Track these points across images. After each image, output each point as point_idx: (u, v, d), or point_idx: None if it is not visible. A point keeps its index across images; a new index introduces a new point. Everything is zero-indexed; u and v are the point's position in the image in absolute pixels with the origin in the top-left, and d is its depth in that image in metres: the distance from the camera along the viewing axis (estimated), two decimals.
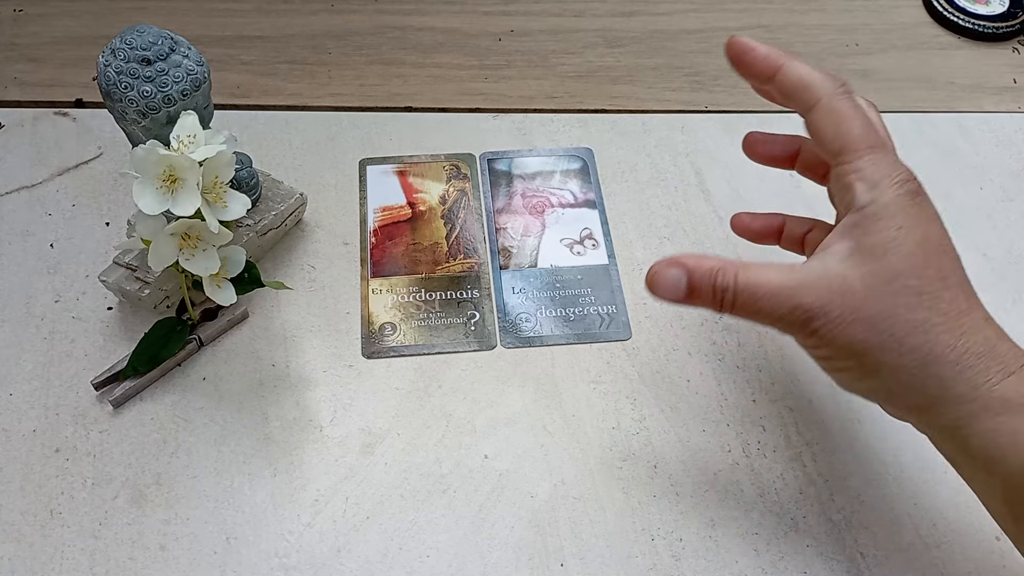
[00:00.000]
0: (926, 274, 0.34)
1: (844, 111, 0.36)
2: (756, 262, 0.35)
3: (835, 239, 0.36)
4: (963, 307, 0.34)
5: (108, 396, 0.42)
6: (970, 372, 0.33)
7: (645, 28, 0.64)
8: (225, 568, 0.38)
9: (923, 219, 0.35)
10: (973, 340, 0.33)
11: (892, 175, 0.35)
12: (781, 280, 0.34)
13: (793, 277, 0.34)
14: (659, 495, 0.41)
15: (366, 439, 0.42)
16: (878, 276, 0.34)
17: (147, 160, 0.37)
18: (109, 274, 0.45)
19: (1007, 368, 0.33)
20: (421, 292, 0.48)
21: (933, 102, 0.60)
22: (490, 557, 0.39)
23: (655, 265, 0.36)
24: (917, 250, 0.34)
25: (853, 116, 0.36)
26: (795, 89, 0.37)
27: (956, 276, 0.34)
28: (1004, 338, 0.34)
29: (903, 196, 0.35)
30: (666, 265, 0.36)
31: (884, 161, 0.35)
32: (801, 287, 0.34)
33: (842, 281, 0.34)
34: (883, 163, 0.35)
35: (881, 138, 0.36)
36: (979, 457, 0.33)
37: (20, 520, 0.39)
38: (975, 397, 0.33)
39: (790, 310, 0.34)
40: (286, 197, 0.48)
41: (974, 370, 0.33)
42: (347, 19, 0.63)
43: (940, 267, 0.34)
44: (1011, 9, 0.65)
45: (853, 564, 0.39)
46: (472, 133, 0.56)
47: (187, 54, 0.40)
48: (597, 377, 0.45)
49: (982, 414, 0.33)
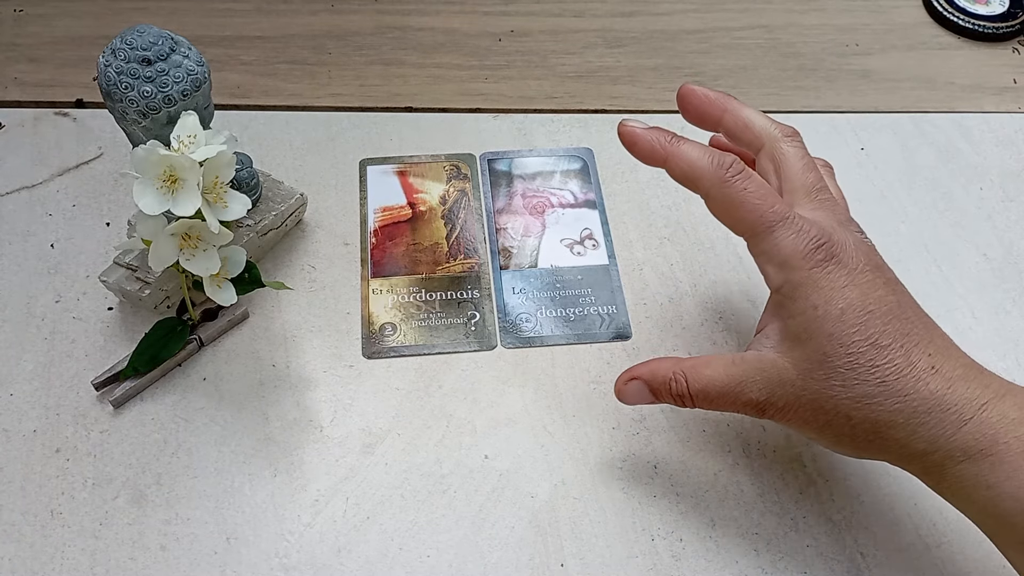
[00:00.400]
0: (853, 347, 0.33)
1: (734, 197, 0.35)
2: (702, 361, 0.37)
3: (767, 320, 0.37)
4: (902, 367, 0.33)
5: (108, 396, 0.42)
6: (923, 429, 0.33)
7: (645, 28, 0.64)
8: (225, 568, 0.38)
9: (838, 288, 0.34)
10: (919, 399, 0.33)
11: (798, 250, 0.34)
12: (728, 378, 0.36)
13: (736, 373, 0.36)
14: (659, 495, 0.41)
15: (366, 439, 0.42)
16: (809, 360, 0.34)
17: (147, 160, 0.37)
18: (109, 274, 0.45)
19: (961, 416, 0.33)
20: (421, 292, 0.48)
21: (933, 102, 0.60)
22: (490, 557, 0.39)
23: (617, 382, 0.39)
24: (839, 325, 0.33)
25: (742, 201, 0.35)
26: (685, 181, 0.37)
27: (890, 331, 0.34)
28: (955, 382, 0.33)
29: (814, 270, 0.34)
30: (624, 381, 0.39)
31: (787, 237, 0.34)
32: (745, 383, 0.35)
33: (779, 371, 0.35)
34: (787, 240, 0.34)
35: (779, 212, 0.35)
36: (950, 496, 0.34)
37: (20, 520, 0.39)
38: (935, 449, 0.33)
39: (742, 405, 0.36)
40: (286, 197, 0.48)
41: (926, 427, 0.33)
42: (347, 19, 0.63)
43: (867, 333, 0.33)
44: (1011, 9, 0.65)
45: (853, 564, 0.39)
46: (472, 133, 0.56)
47: (187, 54, 0.40)
48: (597, 377, 0.45)
49: (946, 463, 0.33)
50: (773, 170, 0.38)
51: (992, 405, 0.33)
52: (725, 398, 0.36)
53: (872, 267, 0.35)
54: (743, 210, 0.35)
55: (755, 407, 0.36)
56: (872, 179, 0.55)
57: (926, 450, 0.33)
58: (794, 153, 0.38)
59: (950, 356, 0.34)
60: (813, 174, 0.38)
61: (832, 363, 0.34)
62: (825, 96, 0.60)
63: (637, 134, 0.37)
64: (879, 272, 0.35)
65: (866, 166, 0.56)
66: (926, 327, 0.35)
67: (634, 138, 0.38)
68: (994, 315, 0.49)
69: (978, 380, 0.34)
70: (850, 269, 0.34)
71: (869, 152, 0.56)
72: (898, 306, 0.34)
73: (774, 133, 0.38)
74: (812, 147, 0.56)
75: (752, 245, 0.36)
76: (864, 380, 0.33)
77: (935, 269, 0.50)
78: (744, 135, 0.39)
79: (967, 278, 0.50)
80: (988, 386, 0.33)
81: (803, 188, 0.37)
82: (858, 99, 0.60)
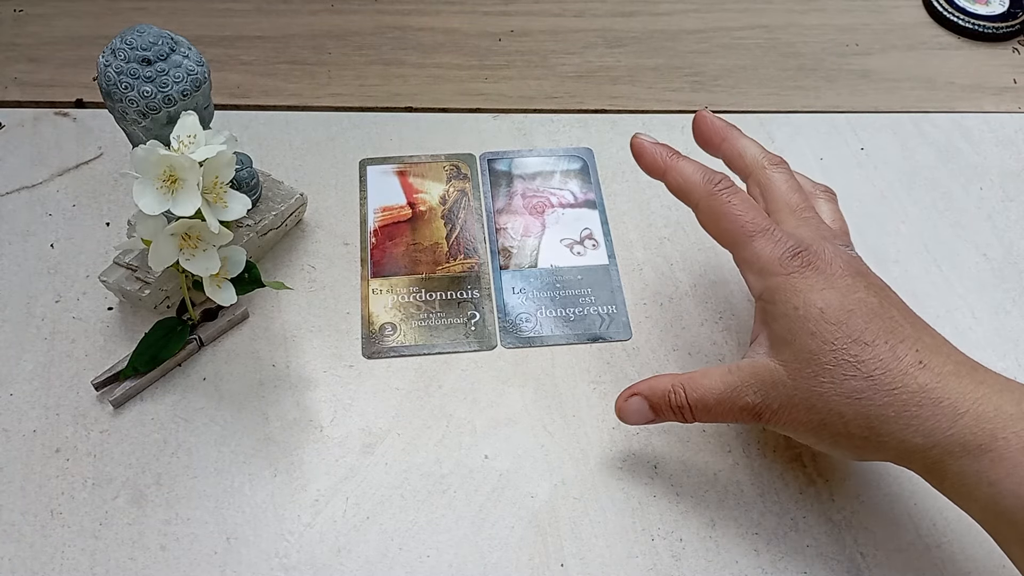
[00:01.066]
0: (837, 343, 0.34)
1: (719, 208, 0.38)
2: (700, 373, 0.38)
3: (757, 329, 0.38)
4: (887, 361, 0.34)
5: (108, 396, 0.42)
6: (916, 422, 0.33)
7: (645, 28, 0.64)
8: (225, 568, 0.38)
9: (816, 290, 0.35)
10: (907, 392, 0.33)
11: (775, 257, 0.36)
12: (724, 386, 0.37)
13: (732, 381, 0.37)
14: (659, 495, 0.41)
15: (366, 439, 0.42)
16: (797, 359, 0.35)
17: (147, 160, 0.37)
18: (109, 274, 0.45)
19: (956, 410, 0.33)
20: (421, 292, 0.48)
21: (933, 102, 0.60)
22: (490, 557, 0.39)
23: (617, 400, 0.40)
24: (819, 324, 0.35)
25: (725, 212, 0.38)
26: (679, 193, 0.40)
27: (872, 329, 0.34)
28: (946, 377, 0.33)
29: (792, 275, 0.36)
30: (625, 398, 0.40)
31: (766, 246, 0.37)
32: (740, 388, 0.37)
33: (771, 373, 0.36)
34: (765, 249, 0.37)
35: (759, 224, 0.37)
36: (952, 494, 0.34)
37: (20, 520, 0.39)
38: (933, 444, 0.33)
39: (739, 411, 0.37)
40: (286, 197, 0.48)
41: (920, 419, 0.33)
42: (347, 19, 0.63)
43: (849, 330, 0.34)
44: (1011, 9, 0.65)
45: (853, 564, 0.39)
46: (472, 133, 0.56)
47: (187, 54, 0.40)
48: (597, 377, 0.45)
49: (946, 458, 0.33)
50: (760, 194, 0.40)
51: (987, 400, 0.33)
52: (722, 406, 0.37)
53: (852, 273, 0.36)
54: (726, 221, 0.38)
55: (751, 411, 0.37)
56: (872, 179, 0.55)
57: (924, 444, 0.33)
58: (779, 178, 0.40)
59: (940, 352, 0.34)
60: (797, 195, 0.40)
61: (819, 360, 0.34)
62: (825, 96, 0.60)
63: (644, 147, 0.41)
64: (861, 278, 0.36)
65: (866, 166, 0.56)
66: (913, 326, 0.35)
67: (641, 150, 0.41)
68: (994, 315, 0.49)
69: (971, 376, 0.34)
70: (828, 275, 0.36)
71: (869, 152, 0.56)
72: (880, 306, 0.35)
73: (761, 161, 0.41)
74: (812, 147, 0.56)
75: (735, 255, 0.38)
76: (851, 375, 0.34)
77: (935, 269, 0.50)
78: (737, 163, 0.42)
79: (967, 278, 0.50)
80: (983, 382, 0.34)
81: (787, 208, 0.39)
82: (858, 99, 0.60)
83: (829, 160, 0.56)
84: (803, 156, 0.56)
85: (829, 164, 0.55)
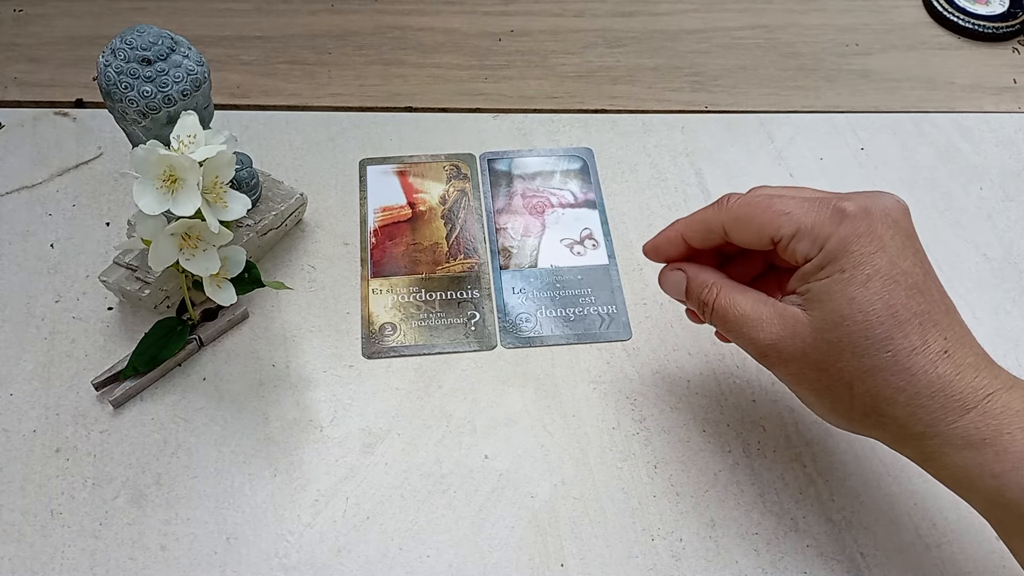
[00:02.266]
0: (872, 315, 0.33)
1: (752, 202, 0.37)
2: (741, 287, 0.38)
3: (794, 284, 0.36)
4: (916, 344, 0.33)
5: (108, 396, 0.42)
6: (922, 412, 0.33)
7: (645, 28, 0.64)
8: (225, 568, 0.38)
9: (867, 253, 0.34)
10: (925, 380, 0.33)
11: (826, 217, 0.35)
12: (752, 311, 0.36)
13: (760, 310, 0.36)
14: (659, 495, 0.41)
15: (366, 439, 0.42)
16: (826, 320, 0.34)
17: (147, 160, 0.37)
18: (109, 274, 0.45)
19: (964, 405, 0.33)
20: (421, 292, 0.48)
21: (933, 102, 0.60)
22: (490, 557, 0.39)
23: (664, 268, 0.41)
24: (862, 291, 0.34)
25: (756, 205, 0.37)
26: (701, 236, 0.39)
27: (911, 308, 0.34)
28: (965, 370, 0.33)
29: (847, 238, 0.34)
30: (671, 268, 0.40)
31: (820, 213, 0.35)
32: (763, 320, 0.36)
33: (795, 322, 0.35)
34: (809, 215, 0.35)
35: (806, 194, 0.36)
36: (952, 485, 0.34)
37: (20, 520, 0.39)
38: (935, 434, 0.33)
39: (748, 341, 0.36)
40: (286, 197, 0.48)
41: (927, 410, 0.33)
42: (347, 19, 0.63)
43: (890, 303, 0.33)
44: (1011, 9, 0.65)
45: (853, 564, 0.39)
46: (472, 133, 0.56)
47: (187, 54, 0.40)
48: (597, 377, 0.45)
49: (946, 448, 0.33)
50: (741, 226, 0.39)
51: (998, 396, 0.33)
52: (738, 325, 0.37)
53: (904, 235, 0.35)
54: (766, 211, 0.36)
55: (758, 348, 0.36)
56: (872, 179, 0.55)
57: (924, 433, 0.33)
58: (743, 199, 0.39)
59: (964, 344, 0.34)
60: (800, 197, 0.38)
61: (847, 327, 0.34)
62: (825, 96, 0.60)
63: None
64: (910, 241, 0.35)
65: (866, 166, 0.55)
66: (947, 311, 0.35)
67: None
68: (994, 315, 0.49)
69: (988, 371, 0.34)
70: (881, 242, 0.34)
71: (869, 152, 0.56)
72: (923, 281, 0.34)
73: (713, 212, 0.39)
74: (812, 147, 0.56)
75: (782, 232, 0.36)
76: (875, 352, 0.33)
77: (935, 269, 0.50)
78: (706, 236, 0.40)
79: (967, 278, 0.50)
80: (997, 377, 0.34)
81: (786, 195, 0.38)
82: (858, 99, 0.60)
83: (829, 160, 0.56)
84: (803, 156, 0.56)
85: (829, 164, 0.55)
